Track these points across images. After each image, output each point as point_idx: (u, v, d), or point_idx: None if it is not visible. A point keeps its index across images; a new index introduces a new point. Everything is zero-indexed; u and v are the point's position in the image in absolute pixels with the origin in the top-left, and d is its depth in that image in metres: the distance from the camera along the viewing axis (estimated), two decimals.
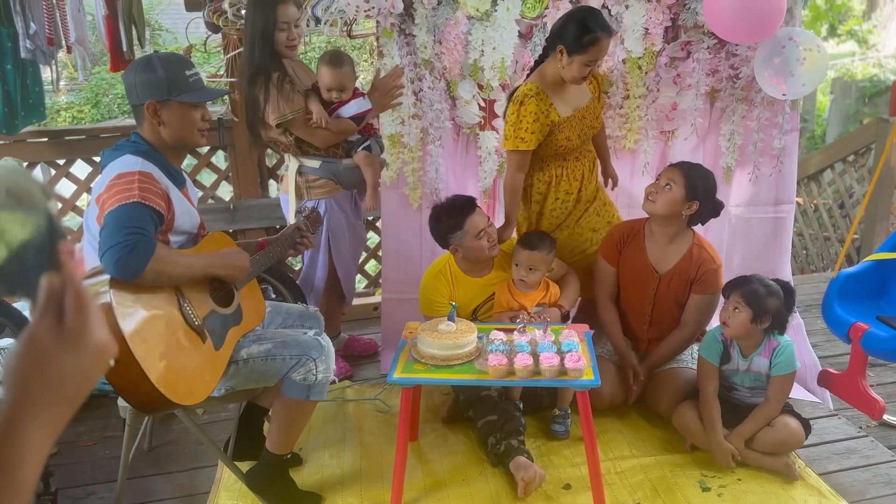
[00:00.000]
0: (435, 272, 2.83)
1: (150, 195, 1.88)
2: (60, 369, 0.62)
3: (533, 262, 2.69)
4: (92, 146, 3.48)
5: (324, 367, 2.18)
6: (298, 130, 2.80)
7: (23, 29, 2.84)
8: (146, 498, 2.42)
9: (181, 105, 2.00)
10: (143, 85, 1.99)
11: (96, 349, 0.65)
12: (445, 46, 3.03)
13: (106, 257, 1.79)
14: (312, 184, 2.91)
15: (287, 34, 2.70)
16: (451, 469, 2.53)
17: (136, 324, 1.81)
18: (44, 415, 0.62)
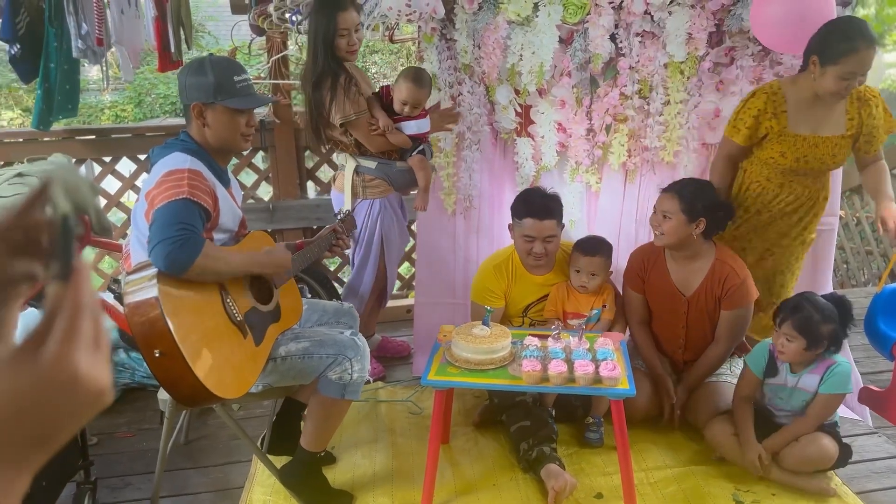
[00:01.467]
0: (496, 262, 2.82)
1: (198, 192, 1.92)
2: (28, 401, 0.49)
3: (594, 268, 2.69)
4: (137, 144, 3.57)
5: (359, 367, 2.20)
6: (358, 132, 2.84)
7: (75, 29, 2.92)
8: (181, 490, 2.47)
9: (226, 109, 2.05)
10: (192, 86, 2.05)
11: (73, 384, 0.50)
12: (484, 51, 3.04)
13: (156, 251, 1.84)
14: (368, 183, 2.95)
15: (347, 39, 2.74)
16: (481, 473, 2.53)
17: (182, 317, 1.86)
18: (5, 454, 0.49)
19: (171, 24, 3.04)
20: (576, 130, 3.08)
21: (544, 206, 2.69)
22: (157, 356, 1.82)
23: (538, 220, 2.65)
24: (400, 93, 2.85)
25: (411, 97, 2.84)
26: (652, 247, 2.77)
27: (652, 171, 3.12)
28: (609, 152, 3.11)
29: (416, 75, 2.87)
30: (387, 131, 2.83)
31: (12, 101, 9.20)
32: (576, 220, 3.22)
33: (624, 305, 2.86)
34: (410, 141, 2.90)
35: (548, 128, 3.10)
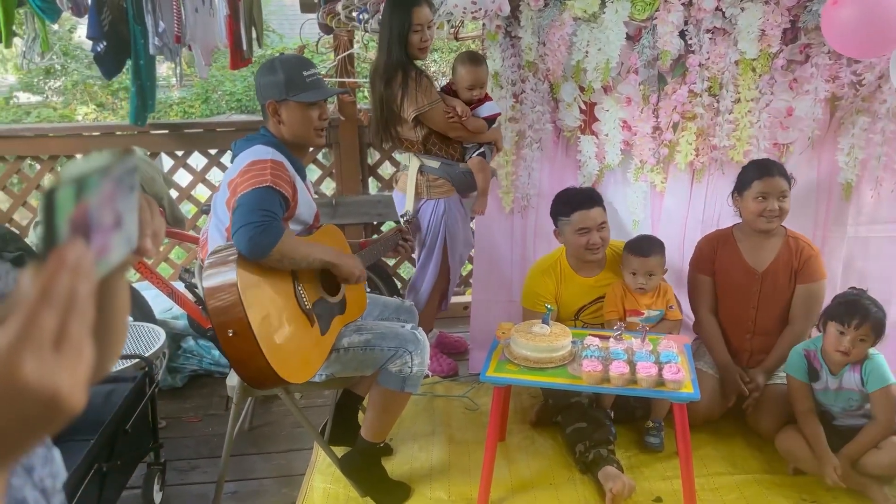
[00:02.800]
0: (545, 266, 2.81)
1: (280, 181, 1.99)
2: None
3: (650, 268, 2.65)
4: (208, 139, 3.69)
5: (419, 361, 2.23)
6: (434, 122, 2.84)
7: (152, 27, 3.04)
8: (245, 475, 2.54)
9: (298, 104, 2.11)
10: (265, 86, 2.13)
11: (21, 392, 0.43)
12: (549, 48, 3.02)
13: (239, 235, 1.91)
14: (433, 183, 2.96)
15: (421, 35, 2.77)
16: (538, 472, 2.52)
17: (256, 301, 1.93)
18: None
19: (243, 22, 3.13)
20: (641, 128, 3.04)
21: (587, 196, 2.69)
22: (230, 335, 1.89)
23: (586, 210, 2.63)
24: (463, 79, 2.86)
25: (475, 78, 2.85)
26: (720, 232, 2.78)
27: (720, 170, 3.05)
28: (676, 151, 3.05)
29: (471, 56, 2.90)
30: (464, 116, 2.83)
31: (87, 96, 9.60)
32: (639, 220, 3.17)
33: (690, 295, 2.81)
34: (487, 125, 2.90)
35: (612, 125, 3.06)
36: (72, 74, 9.42)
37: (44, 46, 3.34)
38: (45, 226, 0.46)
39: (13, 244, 2.74)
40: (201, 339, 3.20)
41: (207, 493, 2.38)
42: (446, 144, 2.93)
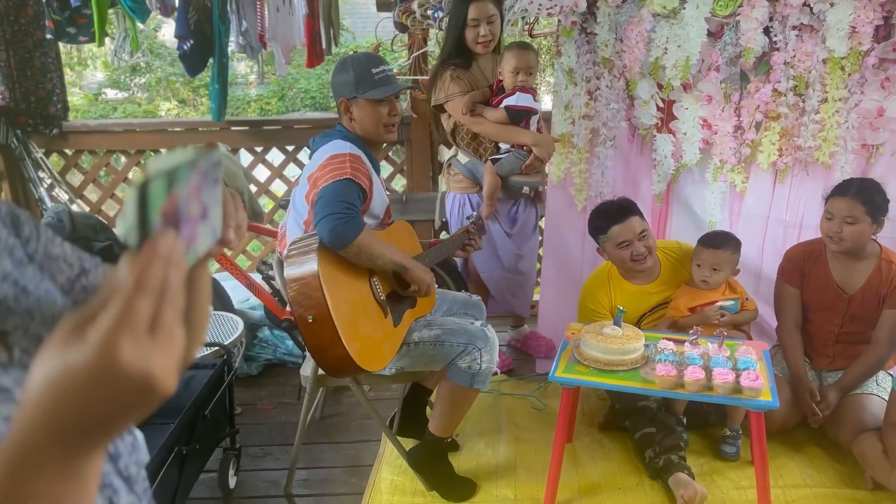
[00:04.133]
0: (597, 281, 2.76)
1: (359, 174, 2.05)
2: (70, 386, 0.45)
3: (717, 262, 2.57)
4: (285, 136, 3.79)
5: (488, 358, 2.24)
6: (455, 116, 2.87)
7: (236, 26, 3.14)
8: (316, 464, 2.60)
9: (367, 101, 2.16)
10: (338, 84, 2.19)
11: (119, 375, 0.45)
12: (626, 44, 2.97)
13: (322, 224, 1.97)
14: (453, 177, 3.00)
15: (477, 31, 2.77)
16: (606, 475, 2.49)
17: (335, 289, 1.99)
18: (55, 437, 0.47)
19: (322, 22, 3.20)
20: (722, 127, 2.95)
21: (621, 208, 2.62)
22: (309, 322, 1.95)
23: (623, 223, 2.57)
24: (509, 64, 2.81)
25: (521, 62, 2.79)
26: (812, 244, 2.65)
27: (805, 171, 2.92)
28: (758, 151, 2.95)
29: (518, 42, 2.88)
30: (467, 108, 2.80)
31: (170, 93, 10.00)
32: (716, 221, 3.08)
33: (776, 304, 2.72)
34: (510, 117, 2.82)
35: (691, 124, 2.98)
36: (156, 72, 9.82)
37: (133, 45, 3.51)
38: (139, 217, 0.48)
39: (102, 234, 2.89)
40: (276, 330, 3.30)
41: (279, 480, 2.45)
42: (476, 142, 2.93)
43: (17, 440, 0.47)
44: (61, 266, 0.75)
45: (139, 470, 0.71)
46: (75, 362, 0.45)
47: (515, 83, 2.82)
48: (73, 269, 0.76)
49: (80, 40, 3.45)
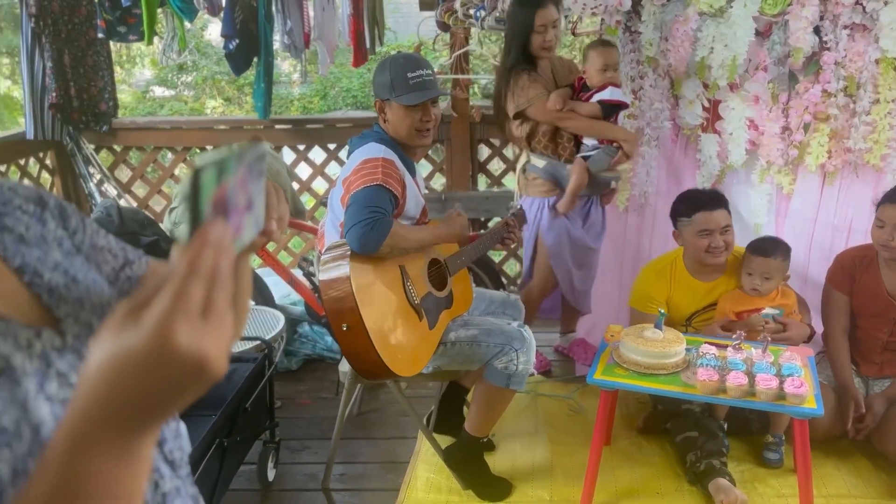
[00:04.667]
0: (659, 266, 2.70)
1: (391, 180, 2.05)
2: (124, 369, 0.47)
3: (768, 271, 2.51)
4: (327, 134, 3.83)
5: (525, 359, 2.23)
6: (541, 116, 2.82)
7: (281, 25, 3.19)
8: (352, 459, 2.63)
9: (400, 106, 2.16)
10: (377, 85, 2.21)
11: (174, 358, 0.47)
12: (672, 43, 2.93)
13: (350, 233, 1.99)
14: (531, 181, 2.96)
15: (543, 36, 2.75)
16: (644, 479, 2.46)
17: (368, 296, 1.99)
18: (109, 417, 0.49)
19: (366, 21, 3.23)
20: (769, 128, 2.89)
21: (711, 197, 2.55)
22: (343, 329, 1.96)
23: (709, 212, 2.50)
24: (595, 62, 2.79)
25: (608, 59, 2.77)
26: (864, 249, 2.57)
27: (854, 174, 2.85)
28: (806, 153, 2.88)
29: (602, 40, 2.86)
30: (559, 104, 2.77)
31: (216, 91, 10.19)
32: (762, 223, 3.02)
33: (823, 310, 2.65)
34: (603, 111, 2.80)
35: (737, 124, 2.93)
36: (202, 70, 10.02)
37: (181, 44, 3.58)
38: (191, 206, 0.49)
39: (150, 229, 2.96)
40: (316, 325, 3.34)
41: (317, 474, 2.48)
42: (554, 143, 2.89)
43: (75, 421, 0.49)
44: (106, 257, 0.77)
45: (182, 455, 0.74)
46: (132, 345, 0.47)
47: (604, 79, 2.79)
48: (117, 259, 0.78)
49: (129, 39, 3.54)
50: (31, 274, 0.66)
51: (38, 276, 0.66)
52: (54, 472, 0.49)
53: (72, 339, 0.64)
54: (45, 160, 3.79)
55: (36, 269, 0.66)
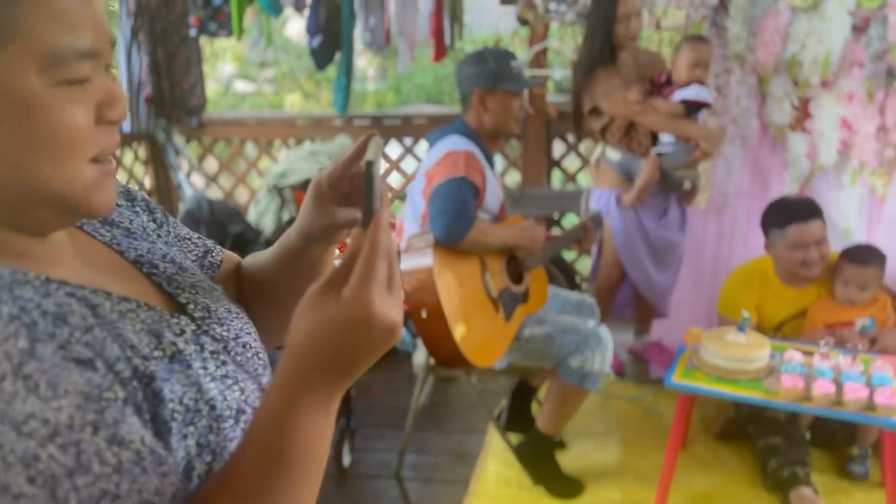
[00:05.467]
0: (748, 273, 2.62)
1: (472, 171, 2.08)
2: (332, 335, 0.56)
3: (865, 280, 2.40)
4: (403, 130, 3.88)
5: (600, 359, 2.22)
6: (617, 109, 2.79)
7: (363, 21, 3.26)
8: (424, 449, 2.67)
9: (504, 94, 2.19)
10: (474, 75, 2.21)
11: (366, 320, 0.55)
12: (761, 39, 2.84)
13: (436, 223, 2.03)
14: (603, 173, 2.95)
15: (626, 25, 2.72)
16: (721, 485, 2.41)
17: (448, 285, 2.03)
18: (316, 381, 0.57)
19: (447, 17, 3.26)
20: (863, 127, 2.76)
21: (805, 208, 2.44)
22: (423, 317, 2.00)
23: (804, 223, 2.40)
24: (687, 58, 2.74)
25: (697, 55, 2.72)
26: None
27: None
28: None
29: (694, 36, 2.80)
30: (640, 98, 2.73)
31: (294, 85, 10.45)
32: (852, 227, 2.89)
33: None
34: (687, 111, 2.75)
35: (829, 123, 2.81)
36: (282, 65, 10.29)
37: (268, 41, 3.70)
38: (367, 194, 0.57)
39: (236, 219, 3.08)
40: None
41: (389, 462, 2.53)
42: (629, 137, 2.85)
43: (286, 385, 0.57)
44: (190, 246, 0.82)
45: None
46: (336, 314, 0.56)
47: (692, 76, 2.75)
48: (198, 248, 0.83)
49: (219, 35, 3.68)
50: (149, 265, 0.70)
51: (153, 266, 0.70)
52: (266, 434, 0.56)
53: (201, 323, 0.68)
54: (138, 152, 3.98)
55: (151, 261, 0.70)
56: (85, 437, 0.48)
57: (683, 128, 2.76)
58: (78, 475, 0.47)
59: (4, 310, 0.50)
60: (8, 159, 0.53)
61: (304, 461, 0.57)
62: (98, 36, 0.56)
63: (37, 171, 0.54)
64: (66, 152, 0.55)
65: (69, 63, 0.53)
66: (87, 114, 0.56)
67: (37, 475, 0.46)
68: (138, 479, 0.51)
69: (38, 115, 0.53)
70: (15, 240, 0.57)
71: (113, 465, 0.49)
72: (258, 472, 0.56)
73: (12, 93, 0.52)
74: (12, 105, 0.52)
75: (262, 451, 0.56)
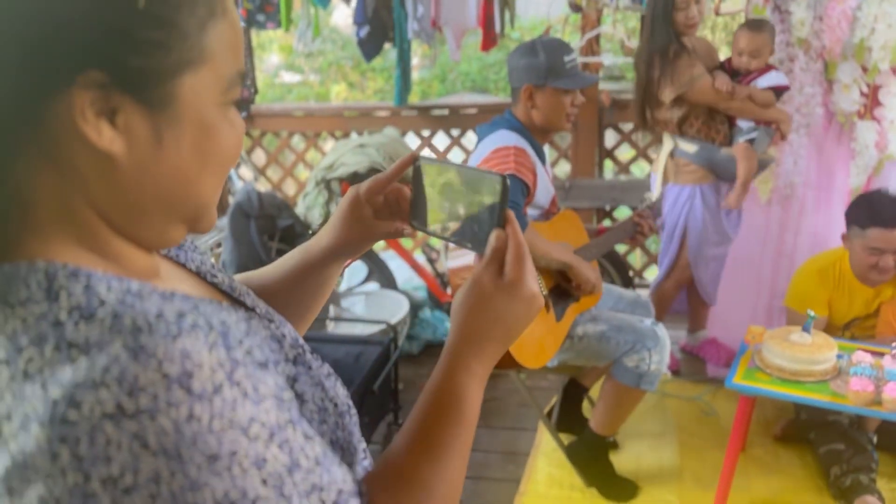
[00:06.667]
0: (820, 265, 2.49)
1: (523, 168, 2.01)
2: (498, 312, 0.67)
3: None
4: (451, 121, 3.84)
5: (658, 359, 2.14)
6: (701, 97, 2.68)
7: (412, 11, 3.21)
8: (473, 446, 2.60)
9: (555, 91, 2.08)
10: (524, 69, 2.10)
11: (528, 297, 0.68)
12: (827, 24, 2.70)
13: None
14: (683, 168, 2.82)
15: (686, 13, 2.62)
16: (782, 489, 2.31)
17: None
18: (483, 350, 0.68)
19: (497, 4, 3.18)
20: None
21: (892, 212, 2.26)
22: None
23: (887, 230, 2.25)
24: (736, 43, 2.65)
25: (747, 43, 2.62)
26: None
27: None
28: None
29: (752, 21, 2.68)
30: (729, 88, 2.62)
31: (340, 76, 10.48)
32: None
33: None
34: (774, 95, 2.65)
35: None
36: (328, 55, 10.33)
37: (315, 32, 3.69)
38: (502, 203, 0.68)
39: (285, 212, 3.08)
40: (437, 311, 3.37)
41: None
42: (708, 126, 2.74)
43: (453, 353, 0.68)
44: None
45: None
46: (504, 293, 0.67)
47: (741, 66, 2.66)
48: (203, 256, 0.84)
49: (268, 26, 3.68)
50: (209, 275, 0.70)
51: (213, 276, 0.70)
52: (435, 388, 0.67)
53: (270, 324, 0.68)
54: None
55: (209, 271, 0.70)
56: (290, 434, 0.52)
57: (767, 112, 2.67)
58: (295, 472, 0.51)
59: (189, 320, 0.50)
60: (184, 172, 0.56)
61: (471, 419, 0.67)
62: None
63: (204, 185, 0.58)
64: (226, 169, 0.60)
65: (235, 86, 0.58)
66: (241, 136, 0.61)
67: (268, 476, 0.49)
68: (332, 469, 0.55)
69: (217, 133, 0.57)
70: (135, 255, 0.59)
71: (314, 459, 0.53)
72: (438, 425, 0.65)
73: (202, 111, 0.55)
74: (200, 123, 0.55)
75: (443, 407, 0.66)
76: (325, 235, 0.82)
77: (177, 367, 0.47)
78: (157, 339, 0.48)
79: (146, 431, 0.45)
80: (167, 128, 0.54)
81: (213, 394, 0.48)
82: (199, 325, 0.50)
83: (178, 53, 0.53)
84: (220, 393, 0.48)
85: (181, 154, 0.55)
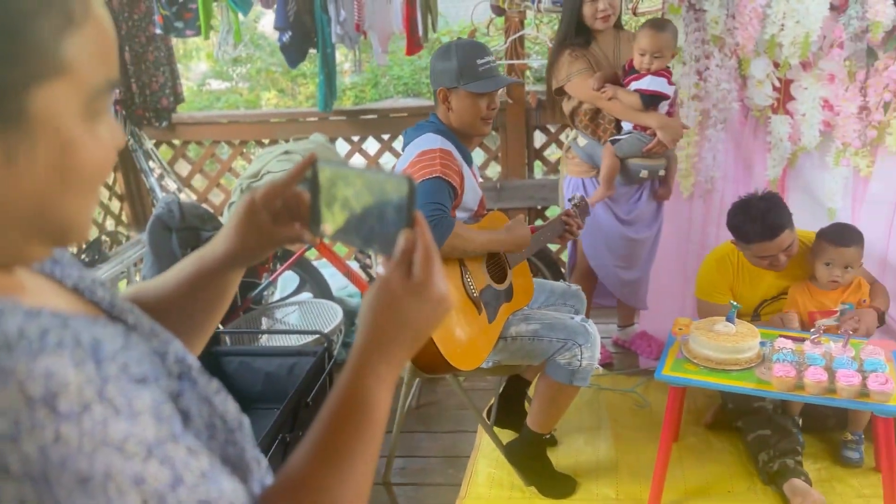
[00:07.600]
0: (719, 255, 2.57)
1: (449, 171, 2.00)
2: (406, 314, 0.66)
3: (848, 260, 2.36)
4: (381, 125, 3.80)
5: (589, 355, 2.16)
6: (579, 95, 2.75)
7: (335, 16, 3.16)
8: (413, 452, 2.61)
9: (468, 94, 2.08)
10: (439, 72, 2.12)
11: (436, 298, 0.67)
12: (739, 21, 2.79)
13: None
14: (570, 160, 2.92)
15: (595, 6, 2.65)
16: (714, 477, 2.37)
17: None
18: (391, 353, 0.67)
19: (419, 8, 3.17)
20: (845, 108, 2.72)
21: (770, 225, 2.31)
22: None
23: (768, 241, 2.33)
24: (637, 43, 2.64)
25: (649, 43, 2.60)
26: None
27: None
28: (886, 133, 2.71)
29: (654, 21, 2.71)
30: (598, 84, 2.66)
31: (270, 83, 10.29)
32: (836, 208, 2.86)
33: None
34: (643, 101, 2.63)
35: (811, 105, 2.77)
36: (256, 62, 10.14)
37: (236, 38, 3.59)
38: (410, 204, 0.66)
39: (210, 223, 2.99)
40: None
41: (377, 468, 2.46)
42: (594, 123, 2.80)
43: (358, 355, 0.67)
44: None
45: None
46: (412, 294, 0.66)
47: (641, 65, 2.64)
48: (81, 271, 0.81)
49: (186, 34, 3.56)
50: (89, 292, 0.66)
51: (93, 293, 0.66)
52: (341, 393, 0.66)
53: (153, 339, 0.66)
54: None
55: (88, 287, 0.67)
56: (171, 450, 0.50)
57: (640, 117, 2.68)
58: (179, 488, 0.49)
59: (53, 337, 0.48)
60: (41, 192, 0.52)
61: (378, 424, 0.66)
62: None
63: (63, 203, 0.54)
64: (94, 186, 0.56)
65: (103, 96, 0.54)
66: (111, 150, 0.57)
67: (148, 495, 0.47)
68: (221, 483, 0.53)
69: (79, 149, 0.53)
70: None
71: (200, 473, 0.51)
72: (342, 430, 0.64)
73: (60, 126, 0.51)
74: (57, 138, 0.51)
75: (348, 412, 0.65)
76: (221, 243, 0.79)
77: (40, 387, 0.45)
78: (17, 359, 0.45)
79: (7, 458, 0.43)
80: (19, 145, 0.50)
81: (82, 413, 0.46)
82: (65, 342, 0.48)
83: (28, 66, 0.49)
84: (90, 411, 0.46)
85: (37, 172, 0.51)
